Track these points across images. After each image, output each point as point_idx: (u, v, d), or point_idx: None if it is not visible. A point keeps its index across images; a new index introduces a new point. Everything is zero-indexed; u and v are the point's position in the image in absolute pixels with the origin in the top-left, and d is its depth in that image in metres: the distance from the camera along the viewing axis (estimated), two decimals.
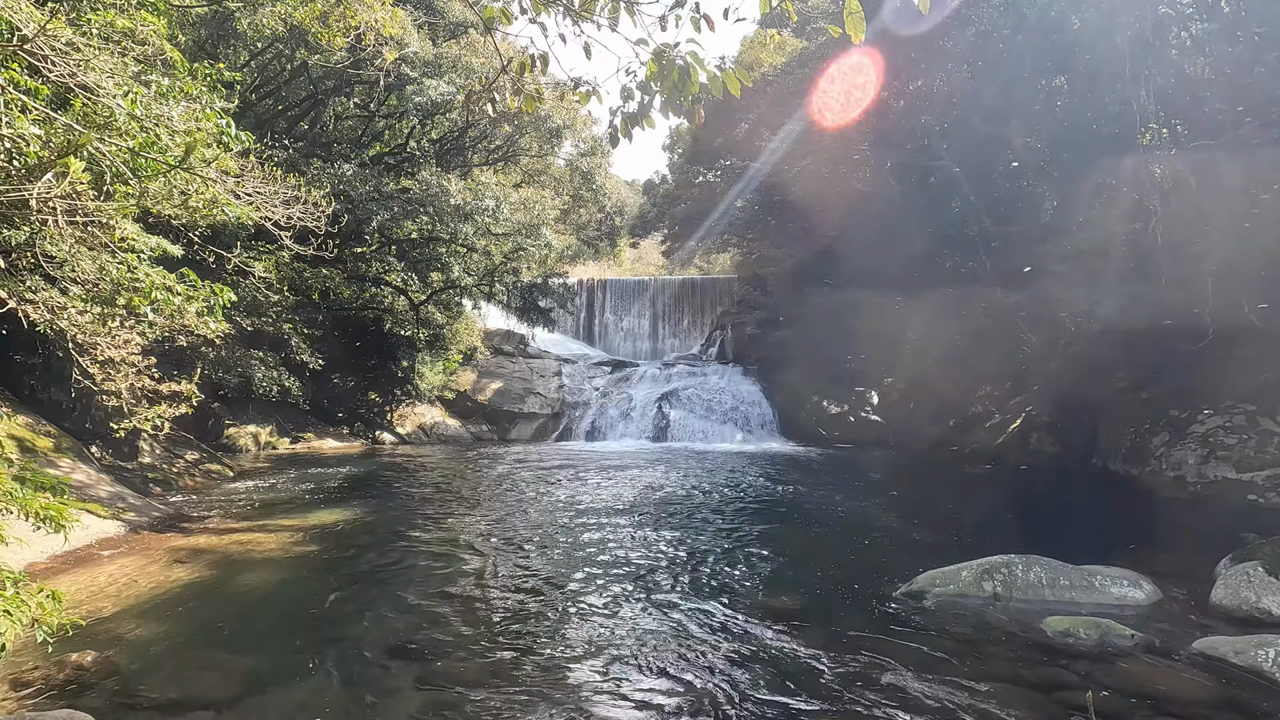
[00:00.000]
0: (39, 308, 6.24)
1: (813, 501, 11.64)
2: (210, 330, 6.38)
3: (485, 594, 6.42)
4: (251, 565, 7.26)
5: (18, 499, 4.34)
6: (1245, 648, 4.88)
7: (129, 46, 6.35)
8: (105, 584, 6.47)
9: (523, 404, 24.13)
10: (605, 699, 4.38)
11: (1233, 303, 11.31)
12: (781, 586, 6.80)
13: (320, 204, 7.23)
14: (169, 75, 5.98)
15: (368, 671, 4.72)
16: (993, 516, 10.60)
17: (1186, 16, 12.13)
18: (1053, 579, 6.36)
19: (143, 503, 9.54)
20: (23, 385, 10.97)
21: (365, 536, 8.67)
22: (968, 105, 15.79)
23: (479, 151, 23.03)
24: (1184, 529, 9.47)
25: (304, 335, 16.35)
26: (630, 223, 34.16)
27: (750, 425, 22.52)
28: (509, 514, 10.14)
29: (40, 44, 4.80)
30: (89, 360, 6.71)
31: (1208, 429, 11.97)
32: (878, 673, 4.76)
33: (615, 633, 5.48)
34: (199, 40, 14.83)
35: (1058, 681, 4.64)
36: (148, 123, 5.11)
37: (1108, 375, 15.10)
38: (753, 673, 4.78)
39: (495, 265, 21.61)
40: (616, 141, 3.85)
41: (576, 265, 35.09)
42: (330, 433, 19.88)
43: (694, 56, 3.23)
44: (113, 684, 4.44)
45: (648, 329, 34.66)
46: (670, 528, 9.28)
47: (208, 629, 5.48)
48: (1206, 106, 11.73)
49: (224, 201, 5.85)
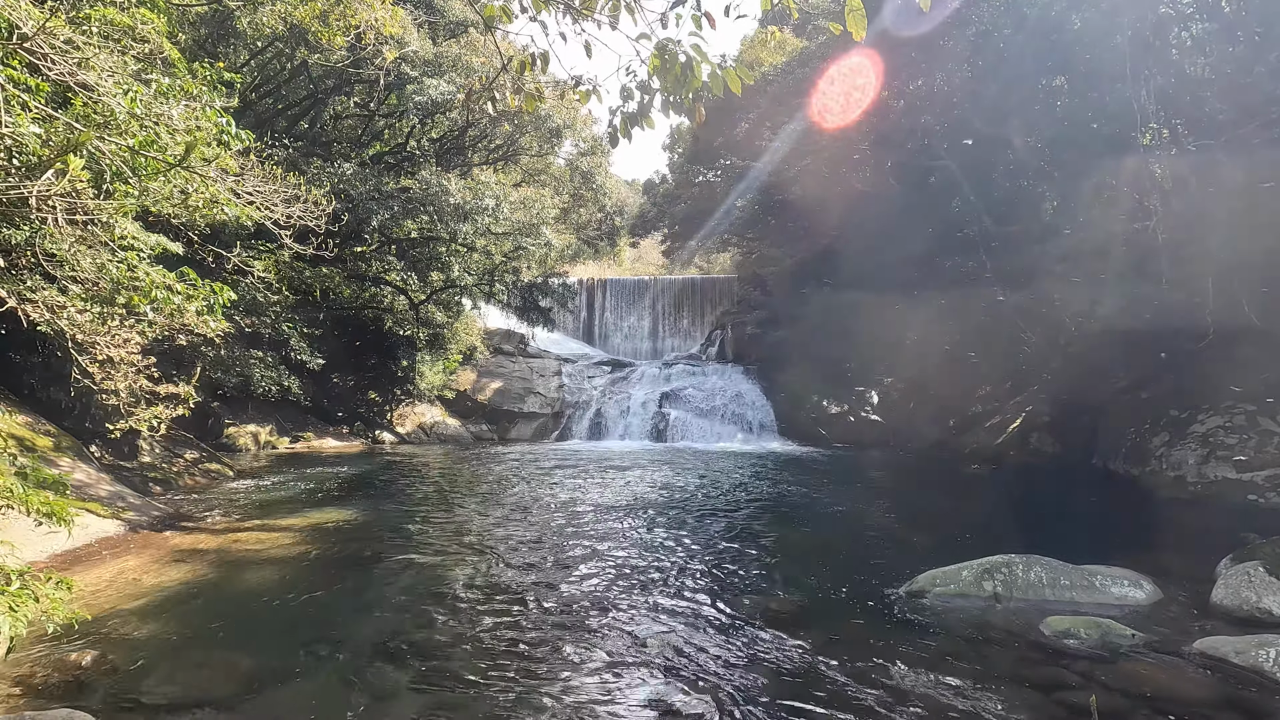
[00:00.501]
0: (39, 307, 6.23)
1: (812, 501, 11.64)
2: (210, 329, 6.38)
3: (484, 594, 6.41)
4: (251, 564, 7.25)
5: (20, 495, 4.34)
6: (1246, 647, 4.87)
7: (128, 45, 6.34)
8: (105, 583, 6.46)
9: (522, 403, 24.13)
10: (604, 699, 4.37)
11: (1233, 303, 11.30)
12: (781, 586, 6.80)
13: (320, 203, 7.23)
14: (169, 74, 5.97)
15: (367, 671, 4.71)
16: (993, 516, 10.60)
17: (1187, 16, 12.12)
18: (1053, 579, 6.35)
19: (142, 502, 9.53)
20: (22, 384, 10.95)
21: (365, 536, 8.67)
22: (968, 105, 15.78)
23: (479, 151, 23.02)
24: (1184, 529, 9.46)
25: (304, 335, 16.35)
26: (630, 222, 34.15)
27: (750, 425, 22.52)
28: (509, 514, 10.14)
29: (40, 42, 4.80)
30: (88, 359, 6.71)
31: (1208, 429, 11.97)
32: (878, 672, 4.75)
33: (614, 632, 5.47)
34: (199, 39, 14.83)
35: (1058, 681, 4.64)
36: (147, 121, 5.11)
37: (1108, 375, 15.10)
38: (752, 672, 4.77)
39: (495, 264, 21.61)
40: (616, 141, 3.85)
41: (576, 265, 35.09)
42: (330, 432, 19.88)
43: (697, 50, 3.23)
44: (112, 683, 4.43)
45: (648, 328, 34.66)
46: (670, 527, 9.28)
47: (207, 628, 5.48)
48: (1206, 106, 11.72)
49: (224, 200, 5.85)
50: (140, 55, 6.52)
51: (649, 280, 36.61)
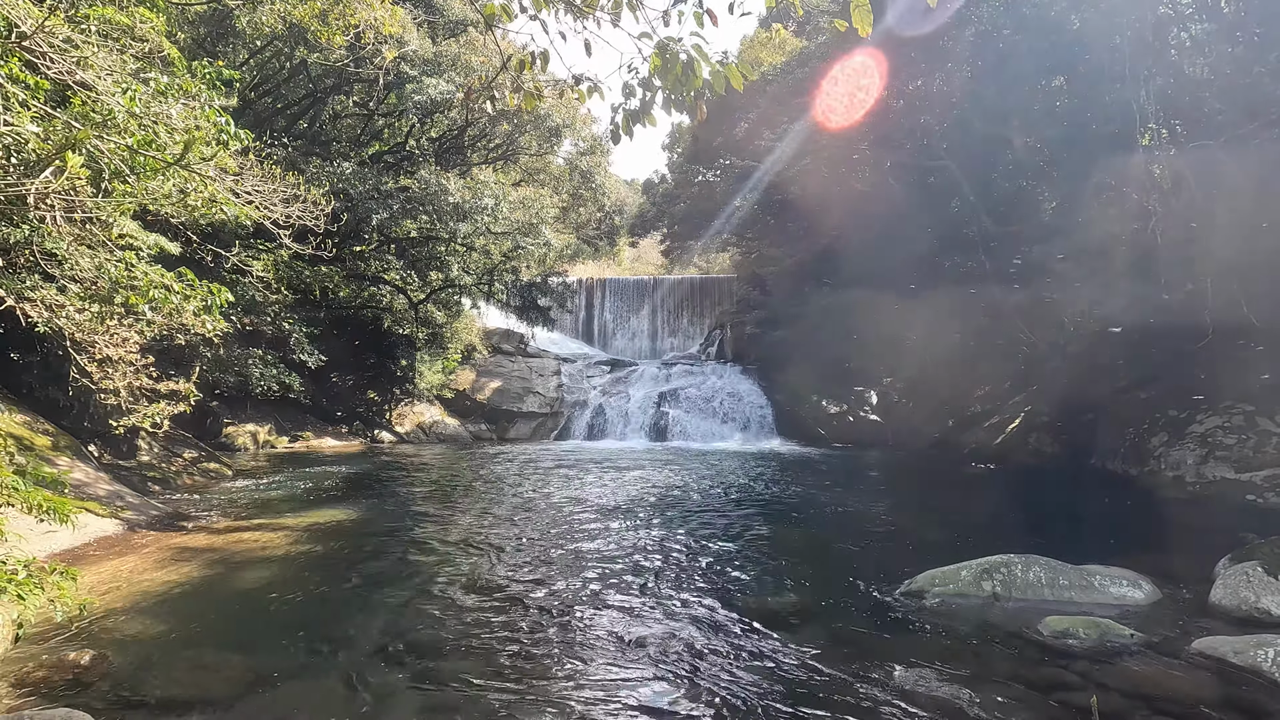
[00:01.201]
0: (37, 305, 6.22)
1: (812, 501, 11.63)
2: (208, 329, 6.37)
3: (483, 594, 6.41)
4: (250, 564, 7.25)
5: (21, 493, 4.34)
6: (1244, 647, 4.87)
7: (127, 44, 6.33)
8: (104, 583, 6.45)
9: (522, 403, 24.12)
10: (603, 698, 4.37)
11: (1232, 303, 11.30)
12: (780, 586, 6.80)
13: (319, 202, 7.21)
14: (167, 73, 5.96)
15: (366, 670, 4.71)
16: (992, 516, 10.60)
17: (1186, 17, 12.13)
18: (1052, 579, 6.35)
19: (141, 501, 9.52)
20: (20, 383, 10.94)
21: (363, 535, 8.66)
22: (968, 105, 15.77)
23: (478, 150, 23.01)
24: (1183, 529, 9.46)
25: (303, 333, 16.35)
26: (629, 222, 34.14)
27: (749, 425, 22.52)
28: (507, 514, 10.13)
29: (39, 40, 4.79)
30: (87, 358, 6.70)
31: (1206, 429, 11.98)
32: (876, 672, 4.75)
33: (613, 632, 5.47)
34: (198, 38, 14.81)
35: (1057, 681, 4.64)
36: (146, 120, 5.10)
37: (1107, 375, 15.11)
38: (751, 672, 4.77)
39: (494, 264, 21.61)
40: (618, 138, 3.85)
41: (576, 264, 35.09)
42: (329, 431, 19.87)
43: (698, 49, 3.22)
44: (111, 683, 4.42)
45: (647, 328, 34.66)
46: (669, 527, 9.27)
47: (206, 628, 5.47)
48: (1206, 106, 11.73)
49: (223, 200, 5.84)
50: (139, 54, 6.50)
51: (648, 280, 36.62)
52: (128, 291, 5.85)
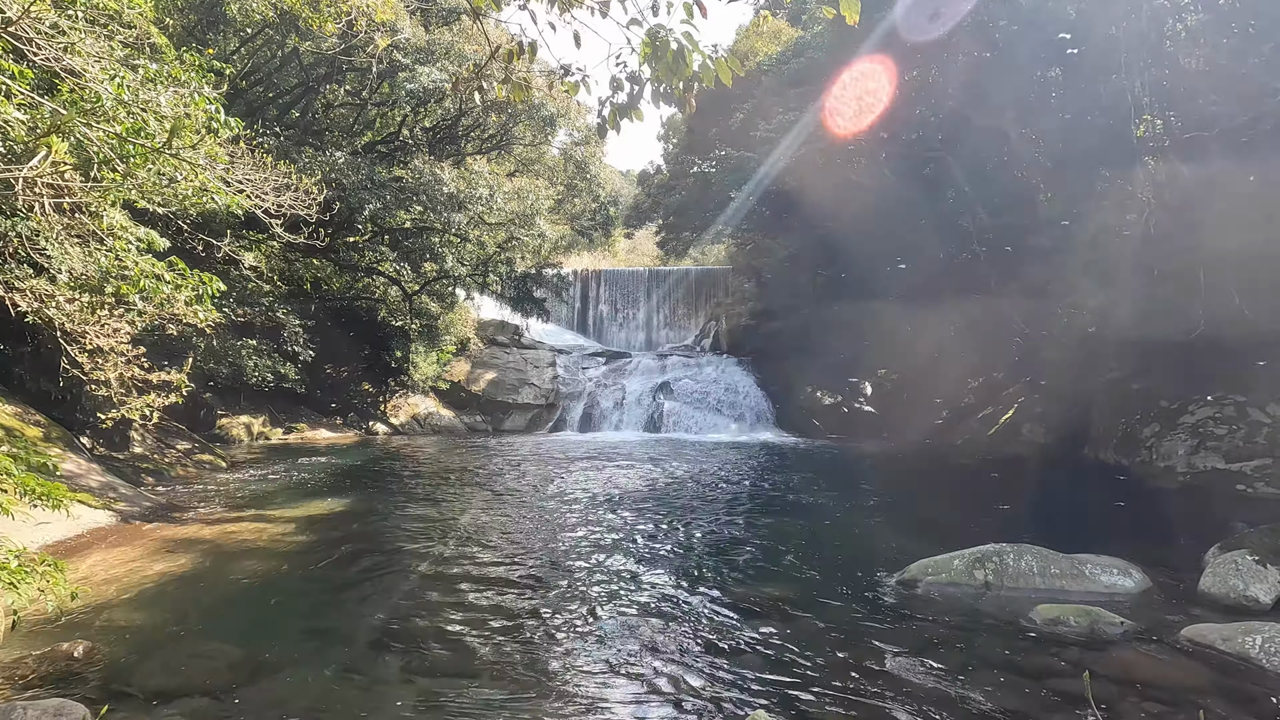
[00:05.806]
0: (27, 296, 6.17)
1: (806, 492, 11.68)
2: (200, 319, 6.33)
3: (477, 585, 6.42)
4: (243, 555, 7.24)
5: (15, 476, 4.33)
6: (1233, 634, 4.93)
7: (115, 30, 6.25)
8: (96, 574, 6.43)
9: (517, 394, 24.10)
10: (597, 690, 4.39)
11: (1224, 294, 11.35)
12: (774, 575, 6.83)
13: (311, 192, 7.17)
14: (156, 60, 5.89)
15: (359, 661, 4.72)
16: (984, 506, 10.66)
17: (1182, 8, 12.10)
18: (1043, 567, 6.40)
19: (134, 493, 9.49)
20: (11, 374, 10.86)
21: (358, 527, 8.66)
22: (962, 96, 15.72)
23: (472, 140, 22.85)
24: (1173, 518, 9.54)
25: (297, 325, 16.27)
26: (625, 213, 34.02)
27: (744, 416, 22.57)
28: (502, 505, 10.15)
29: (25, 26, 4.72)
30: (78, 349, 6.64)
31: (1197, 420, 12.06)
32: (869, 660, 4.79)
33: (607, 623, 5.49)
34: (188, 25, 14.63)
35: (1048, 669, 4.68)
36: (135, 108, 5.04)
37: (1099, 366, 15.17)
38: (745, 661, 4.80)
39: (489, 255, 21.51)
40: (605, 132, 3.82)
41: (571, 255, 34.98)
42: (323, 423, 19.82)
43: (688, 37, 3.20)
44: (104, 673, 4.42)
45: (642, 320, 34.61)
46: (663, 519, 9.30)
47: (200, 619, 5.47)
48: (1200, 99, 11.73)
49: (213, 188, 5.79)
50: (127, 41, 6.43)
51: (644, 271, 36.54)
52: (118, 281, 5.81)
